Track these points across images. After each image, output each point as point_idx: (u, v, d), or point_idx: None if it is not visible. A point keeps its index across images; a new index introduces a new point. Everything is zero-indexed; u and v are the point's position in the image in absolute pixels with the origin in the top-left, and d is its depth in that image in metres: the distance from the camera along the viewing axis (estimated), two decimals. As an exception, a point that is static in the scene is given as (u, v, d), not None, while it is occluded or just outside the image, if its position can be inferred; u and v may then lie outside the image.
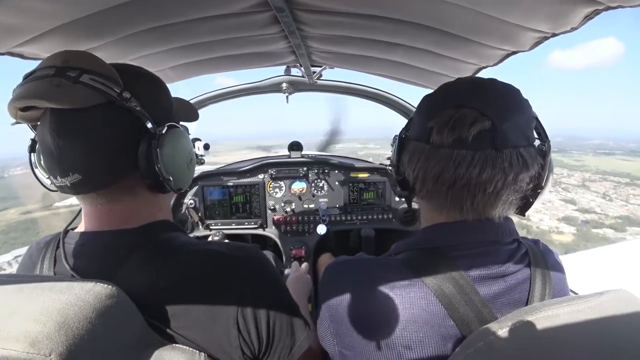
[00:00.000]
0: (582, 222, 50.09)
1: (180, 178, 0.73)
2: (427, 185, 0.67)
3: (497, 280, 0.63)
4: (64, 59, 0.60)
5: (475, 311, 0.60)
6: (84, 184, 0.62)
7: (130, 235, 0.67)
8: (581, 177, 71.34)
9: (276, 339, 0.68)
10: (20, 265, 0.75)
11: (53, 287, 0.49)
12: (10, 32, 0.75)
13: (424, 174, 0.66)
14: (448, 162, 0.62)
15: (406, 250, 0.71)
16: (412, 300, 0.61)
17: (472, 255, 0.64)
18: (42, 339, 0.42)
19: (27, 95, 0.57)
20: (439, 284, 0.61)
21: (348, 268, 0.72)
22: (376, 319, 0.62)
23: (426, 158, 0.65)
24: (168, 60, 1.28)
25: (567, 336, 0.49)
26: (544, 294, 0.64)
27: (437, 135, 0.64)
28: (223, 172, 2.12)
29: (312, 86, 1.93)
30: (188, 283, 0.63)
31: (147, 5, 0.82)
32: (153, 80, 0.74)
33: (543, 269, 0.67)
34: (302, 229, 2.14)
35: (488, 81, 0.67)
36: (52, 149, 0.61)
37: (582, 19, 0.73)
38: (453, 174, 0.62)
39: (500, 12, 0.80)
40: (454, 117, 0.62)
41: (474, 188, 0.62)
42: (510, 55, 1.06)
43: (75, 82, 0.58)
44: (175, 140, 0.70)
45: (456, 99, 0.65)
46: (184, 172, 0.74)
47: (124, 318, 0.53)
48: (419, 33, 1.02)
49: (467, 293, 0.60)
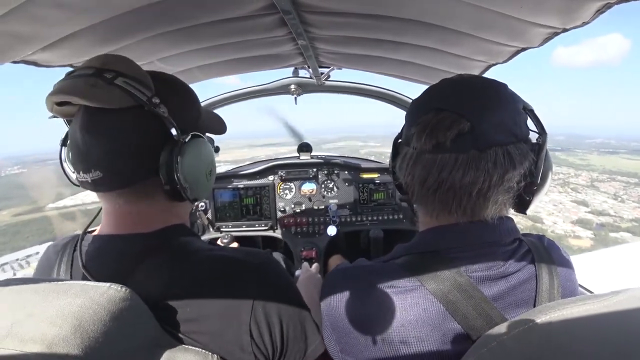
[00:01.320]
0: (598, 225, 48.46)
1: (197, 188, 0.73)
2: (416, 189, 0.67)
3: (498, 281, 0.62)
4: (104, 61, 0.64)
5: (478, 309, 0.59)
6: (104, 181, 0.65)
7: (146, 239, 0.68)
8: (589, 177, 69.75)
9: (290, 345, 0.68)
10: (38, 268, 0.77)
11: (69, 290, 0.50)
12: (25, 41, 0.77)
13: (412, 179, 0.67)
14: (432, 167, 0.62)
15: (405, 254, 0.70)
16: (412, 304, 0.61)
17: (470, 257, 0.63)
18: (58, 341, 0.42)
19: (64, 91, 0.60)
20: (438, 285, 0.60)
21: (346, 276, 0.72)
22: (377, 326, 0.62)
23: (413, 163, 0.66)
24: (179, 64, 1.30)
25: (581, 336, 0.48)
26: (552, 292, 0.63)
27: (418, 142, 0.64)
28: (233, 174, 2.14)
29: (320, 87, 1.93)
30: (201, 288, 0.63)
31: (157, 11, 0.84)
32: (184, 89, 0.76)
33: (549, 266, 0.66)
34: (312, 230, 2.14)
35: (468, 80, 0.67)
36: (79, 144, 0.64)
37: (593, 12, 0.71)
38: (437, 178, 0.62)
39: (509, 8, 0.79)
40: (431, 122, 0.62)
41: (459, 191, 0.61)
42: (520, 52, 1.04)
43: (109, 84, 0.61)
44: (197, 150, 0.71)
45: (436, 102, 0.65)
46: (202, 182, 0.74)
47: (137, 320, 0.54)
48: (425, 31, 1.02)
49: (468, 291, 0.60)
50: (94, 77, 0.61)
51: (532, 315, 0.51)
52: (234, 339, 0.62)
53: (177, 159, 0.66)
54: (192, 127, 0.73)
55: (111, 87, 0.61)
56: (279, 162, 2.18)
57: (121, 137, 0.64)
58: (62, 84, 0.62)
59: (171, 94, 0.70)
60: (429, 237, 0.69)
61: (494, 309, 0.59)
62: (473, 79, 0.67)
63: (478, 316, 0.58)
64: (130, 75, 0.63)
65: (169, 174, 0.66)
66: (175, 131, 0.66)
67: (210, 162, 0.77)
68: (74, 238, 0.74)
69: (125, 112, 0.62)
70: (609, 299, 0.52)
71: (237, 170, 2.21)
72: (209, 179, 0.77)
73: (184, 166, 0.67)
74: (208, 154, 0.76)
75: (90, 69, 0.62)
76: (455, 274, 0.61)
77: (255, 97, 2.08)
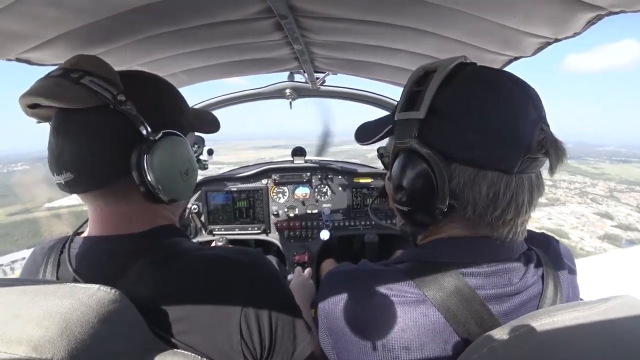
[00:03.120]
0: (627, 242, 45.04)
1: (171, 188, 0.69)
2: (461, 207, 0.61)
3: (511, 298, 0.60)
4: (74, 62, 0.64)
5: (483, 328, 0.57)
6: (76, 183, 0.65)
7: (134, 240, 0.68)
8: (607, 187, 67.45)
9: (278, 343, 0.68)
10: (24, 269, 0.75)
11: (56, 291, 0.50)
12: (18, 39, 0.76)
13: (467, 198, 0.60)
14: (504, 187, 0.58)
15: (411, 261, 0.67)
16: (414, 315, 0.58)
17: (485, 274, 0.60)
18: (44, 343, 0.42)
19: (31, 93, 0.60)
20: (443, 299, 0.58)
21: (348, 278, 0.69)
22: (377, 331, 0.60)
23: (475, 181, 0.58)
24: (174, 66, 1.29)
25: (571, 342, 0.48)
26: (555, 303, 0.63)
27: (511, 161, 0.57)
28: (226, 177, 2.13)
29: (315, 92, 1.94)
30: (192, 288, 0.63)
31: (152, 12, 0.84)
32: (159, 85, 0.74)
33: (555, 277, 0.65)
34: (306, 235, 2.14)
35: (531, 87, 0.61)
36: (52, 146, 0.64)
37: (584, 24, 0.72)
38: (505, 198, 0.58)
39: (501, 17, 0.80)
40: (550, 138, 0.57)
41: (507, 208, 0.58)
42: (513, 61, 1.06)
43: (75, 83, 0.60)
44: (169, 148, 0.68)
45: (533, 112, 0.58)
46: (176, 182, 0.70)
47: (126, 323, 0.53)
48: (421, 38, 1.03)
49: (475, 309, 0.57)
50: (60, 78, 0.61)
51: (524, 322, 0.51)
52: (225, 338, 0.62)
53: (146, 158, 0.64)
54: (171, 125, 0.70)
55: (77, 87, 0.60)
56: (272, 165, 2.18)
57: (89, 137, 0.64)
58: (31, 86, 0.62)
59: (146, 91, 0.69)
60: (442, 247, 0.65)
61: (497, 323, 0.57)
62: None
63: (479, 328, 0.57)
64: (97, 74, 0.62)
65: (139, 174, 0.64)
66: (145, 129, 0.64)
67: (186, 161, 0.72)
68: (61, 240, 0.73)
69: (92, 112, 0.62)
70: (599, 305, 0.52)
71: (230, 173, 2.20)
72: (186, 178, 0.73)
73: (154, 166, 0.64)
74: (183, 152, 0.72)
75: (59, 70, 0.63)
76: (463, 287, 0.59)
77: (250, 100, 2.08)
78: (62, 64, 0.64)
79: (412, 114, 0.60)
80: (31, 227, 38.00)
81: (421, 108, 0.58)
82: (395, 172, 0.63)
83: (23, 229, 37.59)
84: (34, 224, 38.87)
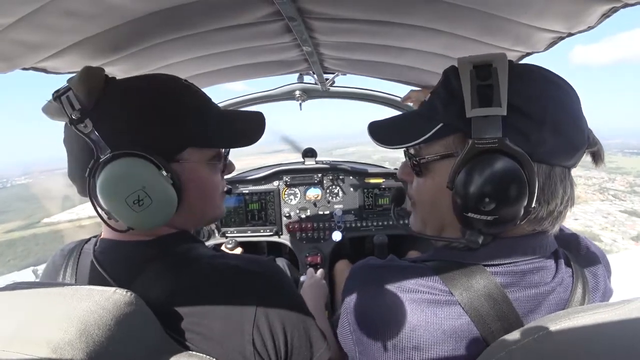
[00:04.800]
0: None
1: (122, 216, 0.63)
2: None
3: (540, 298, 0.59)
4: (79, 75, 0.65)
5: (508, 330, 0.55)
6: (79, 191, 0.71)
7: (146, 247, 0.68)
8: (626, 182, 64.39)
9: (295, 354, 0.68)
10: (44, 272, 0.78)
11: (75, 294, 0.51)
12: (34, 49, 0.78)
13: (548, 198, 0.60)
14: (565, 183, 0.60)
15: (440, 260, 0.65)
16: (441, 314, 0.57)
17: (519, 273, 0.59)
18: (64, 345, 0.43)
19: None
20: (471, 299, 0.57)
21: (376, 273, 0.66)
22: (401, 332, 0.57)
23: (554, 181, 0.59)
24: (187, 70, 1.31)
25: (591, 345, 0.47)
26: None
27: (570, 159, 0.60)
28: (238, 179, 2.14)
29: (325, 93, 1.94)
30: (203, 297, 0.63)
31: (164, 18, 0.85)
32: (151, 97, 0.68)
33: (584, 279, 0.63)
34: (318, 236, 2.14)
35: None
36: None
37: (599, 17, 0.70)
38: (565, 194, 0.60)
39: (513, 13, 0.79)
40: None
41: (557, 205, 0.59)
42: (525, 57, 1.04)
43: (55, 100, 0.64)
44: (115, 171, 0.62)
45: (579, 117, 0.59)
46: (124, 210, 0.62)
47: (142, 325, 0.54)
48: (430, 37, 1.02)
49: (502, 311, 0.56)
50: (56, 93, 0.65)
51: (542, 324, 0.50)
52: (237, 348, 0.61)
53: (91, 181, 0.64)
54: (160, 142, 0.66)
55: (55, 103, 0.64)
56: (283, 167, 2.19)
57: (70, 151, 0.69)
58: None
59: (118, 106, 0.65)
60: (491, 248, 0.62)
61: (521, 324, 0.56)
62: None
63: (504, 331, 0.55)
64: (76, 89, 0.63)
65: (90, 197, 0.66)
66: (96, 150, 0.63)
67: (138, 187, 0.62)
68: (80, 243, 0.76)
69: (67, 128, 0.67)
70: (621, 307, 0.51)
71: (242, 175, 2.22)
72: (137, 209, 0.62)
73: (98, 189, 0.62)
74: (134, 176, 0.62)
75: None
76: (494, 288, 0.57)
77: (260, 103, 2.09)
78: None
79: (492, 110, 0.54)
80: (25, 245, 37.52)
81: (502, 104, 0.54)
82: (476, 177, 0.55)
83: (17, 248, 37.01)
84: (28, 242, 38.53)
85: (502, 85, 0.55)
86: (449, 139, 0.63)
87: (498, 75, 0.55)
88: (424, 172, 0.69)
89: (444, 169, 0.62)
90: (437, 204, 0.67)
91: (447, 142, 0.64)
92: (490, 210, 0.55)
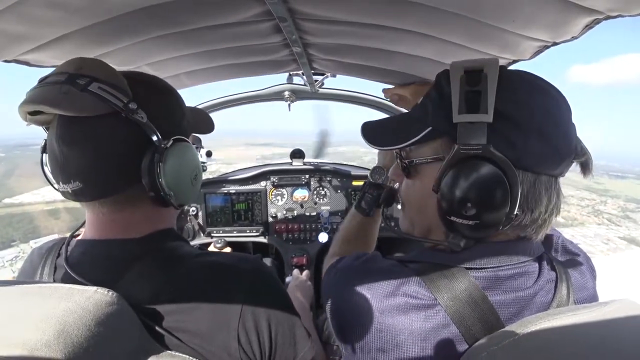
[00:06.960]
0: None
1: (182, 194, 0.70)
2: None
3: (523, 301, 0.59)
4: (77, 66, 0.61)
5: (490, 331, 0.56)
6: (84, 192, 0.63)
7: (133, 245, 0.67)
8: (617, 205, 63.05)
9: (279, 350, 0.68)
10: (21, 271, 0.75)
11: (53, 293, 0.49)
12: (17, 40, 0.76)
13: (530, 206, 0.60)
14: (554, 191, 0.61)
15: (425, 262, 0.65)
16: (423, 317, 0.57)
17: (498, 277, 0.60)
18: (40, 346, 0.41)
19: (36, 100, 0.58)
20: (454, 302, 0.57)
21: (358, 274, 0.67)
22: (384, 334, 0.59)
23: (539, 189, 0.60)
24: (175, 67, 1.29)
25: (569, 346, 0.48)
26: None
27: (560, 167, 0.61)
28: (225, 179, 2.13)
29: (314, 94, 1.94)
30: (190, 294, 0.62)
31: (152, 14, 0.84)
32: (165, 90, 0.74)
33: (567, 280, 0.64)
34: (304, 237, 2.14)
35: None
36: (56, 154, 0.62)
37: (582, 28, 0.73)
38: (551, 202, 0.60)
39: (501, 21, 0.80)
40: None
41: (542, 212, 0.60)
42: (511, 64, 1.06)
43: (82, 90, 0.58)
44: (180, 155, 0.68)
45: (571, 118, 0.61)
46: (187, 188, 0.72)
47: (123, 326, 0.53)
48: (420, 42, 1.03)
49: (483, 313, 0.57)
50: (67, 84, 0.58)
51: (523, 325, 0.51)
52: (222, 344, 0.61)
53: (159, 165, 0.63)
54: (176, 130, 0.70)
55: (84, 95, 0.58)
56: (271, 167, 2.18)
57: (99, 146, 0.62)
58: (33, 92, 0.59)
59: (152, 97, 0.68)
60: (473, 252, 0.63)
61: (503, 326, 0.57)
62: None
63: (485, 332, 0.56)
64: (105, 80, 0.60)
65: (151, 181, 0.63)
66: (156, 137, 0.63)
67: (195, 167, 0.74)
68: (59, 242, 0.73)
69: (101, 120, 0.60)
70: (598, 309, 0.52)
71: (229, 175, 2.20)
72: (195, 183, 0.74)
73: (166, 173, 0.64)
74: (192, 158, 0.73)
75: (63, 75, 0.60)
76: (475, 291, 0.58)
77: (248, 102, 2.08)
78: (64, 66, 0.62)
79: (479, 117, 0.55)
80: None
81: (488, 111, 0.54)
82: (459, 182, 0.56)
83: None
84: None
85: (490, 91, 0.55)
86: (437, 142, 0.64)
87: (487, 82, 0.56)
88: (413, 174, 0.70)
89: (432, 172, 0.62)
90: (424, 206, 0.68)
91: (436, 145, 0.65)
92: (472, 215, 0.56)
